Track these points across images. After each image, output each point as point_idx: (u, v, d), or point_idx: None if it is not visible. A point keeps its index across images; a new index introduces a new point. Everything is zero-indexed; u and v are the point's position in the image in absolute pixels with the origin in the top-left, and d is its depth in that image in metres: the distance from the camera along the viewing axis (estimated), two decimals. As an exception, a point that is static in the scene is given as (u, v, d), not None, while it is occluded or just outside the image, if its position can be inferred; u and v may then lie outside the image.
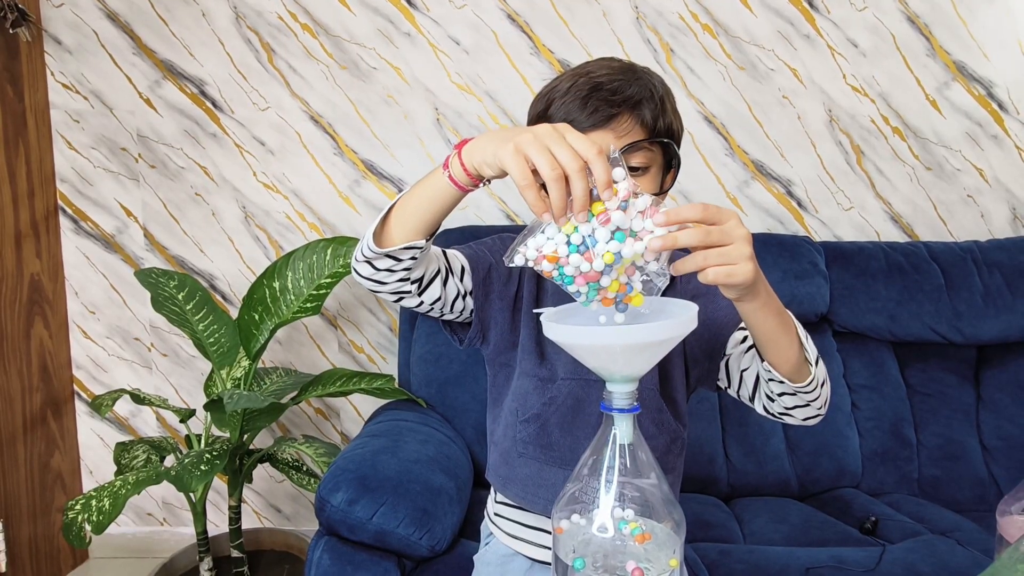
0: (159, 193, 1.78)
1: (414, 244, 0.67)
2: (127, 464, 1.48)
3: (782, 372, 0.66)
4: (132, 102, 1.75)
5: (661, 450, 0.80)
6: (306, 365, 1.84)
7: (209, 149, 1.76)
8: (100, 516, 1.24)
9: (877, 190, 1.78)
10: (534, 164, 0.53)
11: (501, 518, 0.86)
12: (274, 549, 1.65)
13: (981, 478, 1.52)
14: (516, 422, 0.81)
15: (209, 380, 1.48)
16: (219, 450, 1.26)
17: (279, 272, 1.37)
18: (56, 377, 1.82)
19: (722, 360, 0.78)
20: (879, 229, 1.80)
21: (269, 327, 1.35)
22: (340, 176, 1.77)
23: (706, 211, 0.54)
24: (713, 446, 1.52)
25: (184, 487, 1.18)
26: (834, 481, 1.53)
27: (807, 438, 1.54)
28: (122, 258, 1.81)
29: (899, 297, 1.57)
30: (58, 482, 1.84)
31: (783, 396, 0.69)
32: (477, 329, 0.80)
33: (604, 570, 0.54)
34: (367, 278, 0.72)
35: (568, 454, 0.77)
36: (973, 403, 1.58)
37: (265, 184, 1.77)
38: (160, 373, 1.86)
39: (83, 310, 1.83)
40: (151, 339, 1.85)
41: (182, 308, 1.38)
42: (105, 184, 1.77)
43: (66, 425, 1.86)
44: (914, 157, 1.77)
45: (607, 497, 0.56)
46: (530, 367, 0.80)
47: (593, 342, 0.53)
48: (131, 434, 1.89)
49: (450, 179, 0.64)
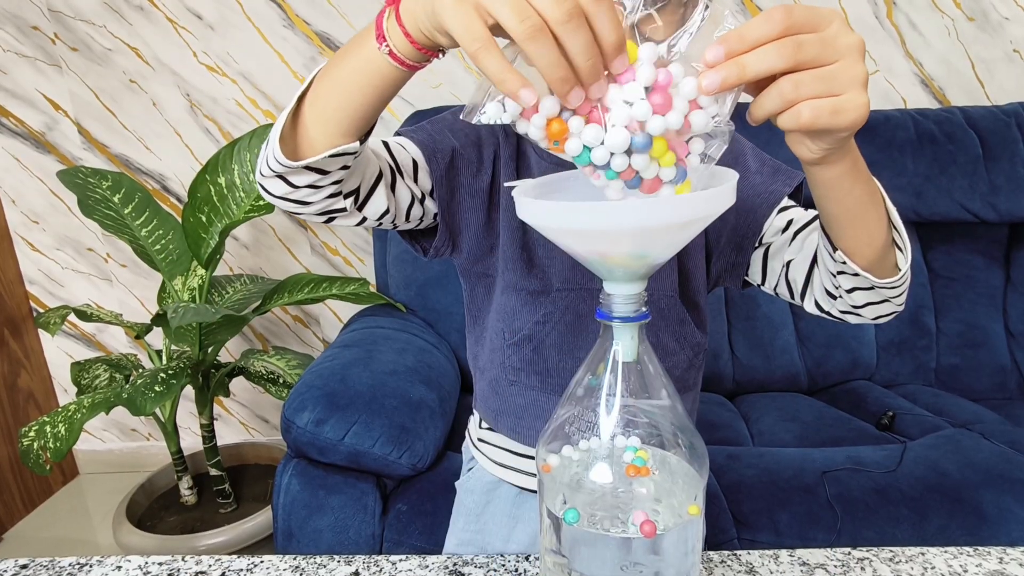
0: (87, 81, 1.53)
1: (343, 150, 0.47)
2: (88, 384, 1.36)
3: (862, 261, 0.49)
4: (39, -30, 1.47)
5: (682, 367, 0.65)
6: (277, 271, 1.68)
7: (137, 26, 1.50)
8: (57, 442, 1.13)
9: (908, 48, 1.55)
10: (494, 16, 0.33)
11: (486, 444, 0.73)
12: (258, 463, 1.58)
13: (1002, 365, 1.41)
14: (504, 345, 0.65)
15: (162, 291, 1.33)
16: (176, 369, 1.13)
17: (223, 165, 1.18)
18: (8, 294, 1.66)
19: (754, 251, 0.61)
20: (906, 95, 1.58)
21: (218, 229, 1.18)
22: (293, 53, 1.53)
23: (790, 17, 0.33)
24: (718, 340, 1.40)
25: (137, 410, 1.06)
26: (846, 374, 1.42)
27: (819, 330, 1.42)
28: (57, 159, 1.60)
29: (928, 171, 1.38)
30: (31, 401, 1.74)
31: (854, 292, 0.52)
32: (445, 237, 0.62)
33: (605, 521, 0.41)
34: (282, 198, 0.51)
35: (570, 379, 0.61)
36: (1001, 286, 1.45)
37: (208, 66, 1.53)
38: (122, 285, 1.71)
39: (24, 220, 1.65)
40: (106, 248, 1.68)
41: (118, 212, 1.20)
42: (21, 72, 1.53)
43: (29, 344, 1.73)
44: (955, 5, 1.52)
45: (607, 422, 0.41)
46: (515, 278, 0.63)
47: (588, 224, 0.35)
48: (100, 350, 1.77)
49: (390, 55, 0.42)
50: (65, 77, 1.53)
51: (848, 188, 0.44)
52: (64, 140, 1.58)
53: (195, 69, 1.53)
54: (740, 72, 0.33)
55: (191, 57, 1.52)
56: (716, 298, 1.41)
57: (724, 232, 0.62)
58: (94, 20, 1.49)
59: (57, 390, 1.82)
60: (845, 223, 0.47)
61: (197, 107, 1.56)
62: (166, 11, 1.49)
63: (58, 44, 1.50)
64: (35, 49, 1.51)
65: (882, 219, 0.47)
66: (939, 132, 1.39)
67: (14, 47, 1.50)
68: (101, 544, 1.57)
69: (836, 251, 0.50)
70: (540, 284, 0.63)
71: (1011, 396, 1.40)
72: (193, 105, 1.56)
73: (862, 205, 0.45)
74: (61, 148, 1.59)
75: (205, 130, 1.58)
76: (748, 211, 0.60)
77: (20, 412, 1.71)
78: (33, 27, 1.49)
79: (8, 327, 1.67)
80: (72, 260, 1.68)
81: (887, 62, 1.56)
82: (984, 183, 1.37)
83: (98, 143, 1.58)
